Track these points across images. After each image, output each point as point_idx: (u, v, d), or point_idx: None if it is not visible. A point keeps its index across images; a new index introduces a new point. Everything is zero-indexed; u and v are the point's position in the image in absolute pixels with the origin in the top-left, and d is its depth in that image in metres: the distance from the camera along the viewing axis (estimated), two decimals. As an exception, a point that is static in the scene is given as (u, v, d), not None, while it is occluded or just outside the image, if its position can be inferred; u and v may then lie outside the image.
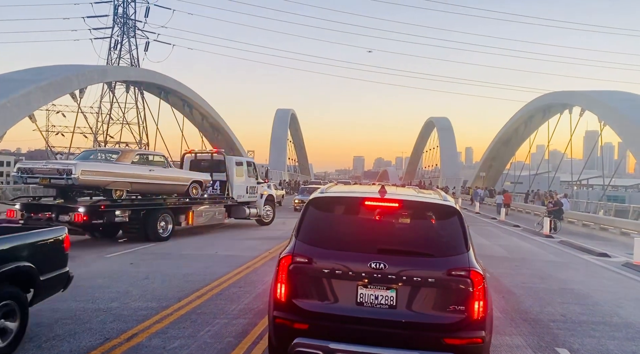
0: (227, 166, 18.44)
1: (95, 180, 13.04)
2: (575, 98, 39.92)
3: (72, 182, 12.45)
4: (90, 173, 12.86)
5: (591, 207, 28.28)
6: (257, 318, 6.63)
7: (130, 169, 13.99)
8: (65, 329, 5.94)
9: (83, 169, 12.61)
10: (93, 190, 13.59)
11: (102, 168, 13.35)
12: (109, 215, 13.22)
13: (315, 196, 4.90)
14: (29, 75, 29.41)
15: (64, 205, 13.02)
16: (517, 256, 14.07)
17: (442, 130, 78.58)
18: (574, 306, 8.14)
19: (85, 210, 12.58)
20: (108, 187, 13.39)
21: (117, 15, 60.89)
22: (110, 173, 13.36)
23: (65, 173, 12.43)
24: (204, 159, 19.13)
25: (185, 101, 49.01)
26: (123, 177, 13.66)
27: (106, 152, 15.73)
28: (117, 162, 13.99)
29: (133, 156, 14.59)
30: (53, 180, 12.82)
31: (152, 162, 15.11)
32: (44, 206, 13.32)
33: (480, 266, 4.30)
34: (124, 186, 13.75)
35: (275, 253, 12.14)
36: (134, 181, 13.99)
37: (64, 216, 12.63)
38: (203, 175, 17.24)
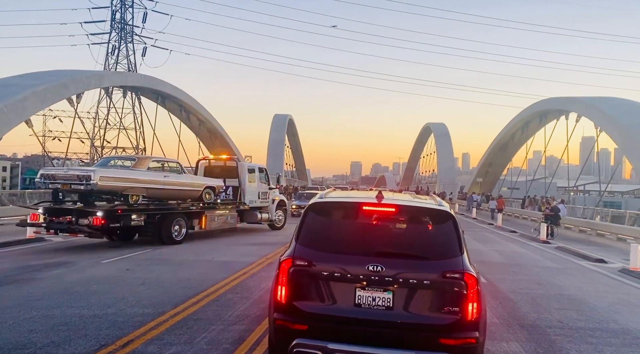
0: (240, 172, 18.99)
1: (113, 185, 13.60)
2: (572, 104, 40.08)
3: (91, 188, 13.02)
4: (108, 179, 13.43)
5: (588, 213, 28.33)
6: (254, 324, 6.60)
7: (146, 175, 14.54)
8: (60, 335, 5.89)
9: (101, 175, 13.20)
10: (111, 195, 14.11)
11: (120, 174, 13.94)
12: (125, 219, 13.68)
13: (314, 202, 5.02)
14: (25, 80, 29.35)
15: (83, 209, 13.46)
16: (514, 261, 14.08)
17: (439, 135, 78.74)
18: (571, 312, 8.14)
19: (103, 214, 13.04)
20: (125, 192, 13.90)
21: (114, 21, 60.99)
22: (127, 179, 13.92)
23: (84, 179, 13.04)
24: (217, 165, 19.64)
25: (183, 106, 48.98)
26: (139, 183, 14.20)
27: (123, 159, 16.24)
28: (133, 168, 14.55)
29: (149, 163, 15.15)
30: (73, 186, 13.39)
31: (167, 169, 15.66)
32: (64, 210, 13.80)
33: (474, 269, 4.44)
34: (140, 191, 14.26)
35: (272, 258, 12.12)
36: (149, 186, 14.53)
37: (83, 220, 13.16)
38: (216, 181, 17.71)
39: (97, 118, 59.47)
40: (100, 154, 59.86)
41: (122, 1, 60.78)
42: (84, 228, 13.20)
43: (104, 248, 13.81)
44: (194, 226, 16.26)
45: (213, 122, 53.15)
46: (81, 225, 13.16)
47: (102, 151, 59.93)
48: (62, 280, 9.20)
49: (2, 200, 22.45)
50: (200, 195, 16.42)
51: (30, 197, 24.26)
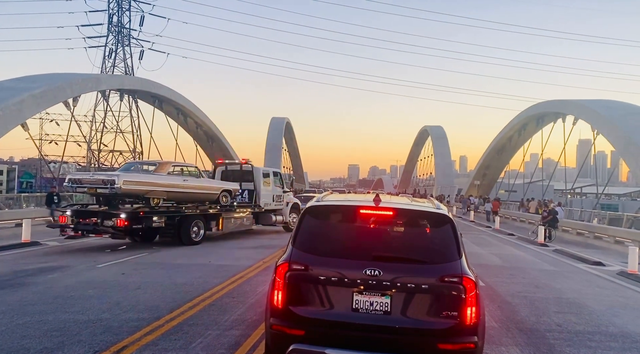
0: (255, 176, 19.73)
1: (136, 189, 14.34)
2: (568, 107, 40.17)
3: (115, 191, 13.76)
4: (131, 183, 14.16)
5: (585, 216, 28.33)
6: (250, 329, 6.53)
7: (166, 179, 15.32)
8: (54, 341, 5.81)
9: (125, 179, 13.94)
10: (133, 198, 14.89)
11: (142, 179, 14.67)
12: (147, 221, 14.48)
13: (311, 205, 4.97)
14: (22, 84, 29.24)
15: (108, 212, 14.25)
16: (512, 265, 14.04)
17: (437, 138, 78.84)
18: (569, 316, 8.10)
19: (127, 216, 13.81)
20: (147, 196, 14.69)
21: (111, 24, 60.94)
22: (149, 183, 14.68)
23: (109, 183, 13.78)
24: (233, 169, 20.41)
25: (180, 109, 48.90)
26: (160, 187, 14.97)
27: (145, 164, 17.04)
28: (154, 172, 15.33)
29: (169, 167, 15.95)
30: (99, 189, 14.18)
31: (186, 173, 16.45)
32: (90, 212, 14.68)
33: (473, 273, 4.40)
34: (160, 194, 15.06)
35: (269, 262, 12.04)
36: (169, 190, 15.34)
37: (108, 222, 13.98)
38: (232, 184, 18.44)
39: (94, 122, 59.34)
40: (97, 158, 59.71)
41: (119, 4, 60.76)
42: (108, 229, 13.98)
43: (100, 252, 13.72)
44: (212, 228, 16.87)
45: (210, 125, 53.07)
46: (106, 226, 13.96)
47: (99, 154, 59.76)
48: (57, 284, 9.11)
49: (-2, 204, 22.30)
50: (217, 198, 17.13)
51: (27, 201, 24.17)
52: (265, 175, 20.22)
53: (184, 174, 16.27)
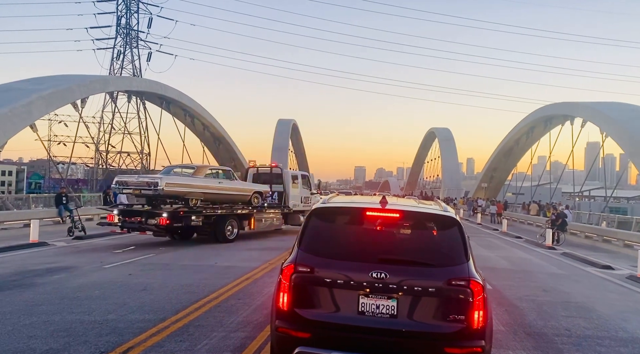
0: (284, 178, 21.02)
1: (176, 191, 15.42)
2: (577, 109, 39.91)
3: (158, 192, 14.85)
4: (172, 185, 15.25)
5: (593, 219, 28.10)
6: (256, 331, 6.51)
7: (203, 181, 16.41)
8: (59, 342, 5.82)
9: (167, 182, 15.02)
10: (173, 199, 15.85)
11: (181, 181, 15.80)
12: (186, 220, 15.43)
13: (317, 207, 4.95)
14: (30, 85, 29.47)
15: (151, 211, 15.33)
16: (519, 268, 13.93)
17: (444, 140, 78.62)
18: (578, 320, 8.01)
19: (168, 215, 14.83)
20: (185, 197, 15.76)
21: (120, 26, 61.41)
22: (188, 185, 15.78)
23: (152, 185, 14.87)
24: (264, 172, 21.41)
25: (187, 111, 49.11)
26: (198, 188, 16.03)
27: (184, 167, 18.05)
28: (192, 175, 16.42)
29: (206, 171, 17.20)
30: (143, 191, 15.29)
31: (221, 175, 17.56)
32: (136, 212, 15.80)
33: (480, 276, 4.35)
34: (198, 196, 16.11)
35: (275, 264, 12.03)
36: (206, 191, 16.37)
37: (151, 220, 14.97)
38: (263, 186, 19.48)
39: (102, 123, 59.73)
40: (105, 159, 60.07)
41: (128, 7, 61.20)
42: (152, 227, 15.03)
43: (107, 253, 13.76)
44: (244, 227, 17.87)
45: (217, 127, 53.24)
46: (149, 224, 14.97)
47: (106, 156, 60.14)
48: (63, 285, 9.14)
49: (7, 204, 22.46)
50: (249, 199, 18.15)
51: (35, 201, 24.33)
52: (294, 178, 21.43)
53: (219, 177, 17.32)
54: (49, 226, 19.21)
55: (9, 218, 19.27)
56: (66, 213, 19.60)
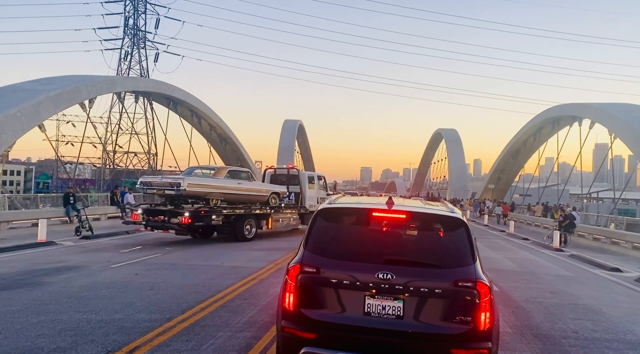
0: (301, 180, 21.72)
1: (198, 191, 16.00)
2: (585, 110, 39.65)
3: (180, 192, 15.44)
4: (194, 185, 15.82)
5: (602, 221, 27.89)
6: (262, 331, 6.51)
7: (223, 182, 17.00)
8: (67, 340, 5.86)
9: (189, 182, 15.61)
10: (195, 199, 16.41)
11: (203, 182, 16.43)
12: (207, 219, 16.01)
13: (323, 207, 4.94)
14: (39, 85, 29.66)
15: (174, 210, 15.91)
16: (526, 269, 13.85)
17: (451, 141, 78.35)
18: (586, 322, 7.95)
19: (190, 214, 15.41)
20: (206, 197, 16.33)
21: (127, 27, 61.75)
22: (209, 186, 16.36)
23: (175, 185, 15.45)
24: (281, 174, 22.12)
25: (194, 111, 49.26)
26: (218, 189, 16.61)
27: (204, 168, 18.82)
28: (213, 176, 17.11)
29: (226, 172, 17.76)
30: (166, 191, 15.88)
31: (240, 177, 18.10)
32: (159, 211, 16.34)
33: (487, 278, 4.34)
34: (218, 196, 16.70)
35: (281, 264, 12.03)
36: (226, 192, 16.96)
37: (174, 219, 15.52)
38: (281, 187, 20.13)
39: (109, 123, 60.07)
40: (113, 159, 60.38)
41: (135, 8, 61.51)
42: (174, 226, 15.59)
43: (114, 252, 13.83)
44: (262, 226, 18.38)
45: (224, 127, 53.38)
46: (172, 223, 15.52)
47: (114, 156, 60.45)
48: (71, 284, 9.20)
49: (15, 204, 22.63)
50: (267, 200, 18.77)
51: (43, 201, 24.48)
52: (310, 179, 22.09)
53: (238, 178, 17.87)
54: (56, 226, 19.33)
55: (18, 217, 19.41)
56: (74, 213, 19.72)
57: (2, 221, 17.89)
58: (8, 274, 10.04)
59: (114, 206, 25.13)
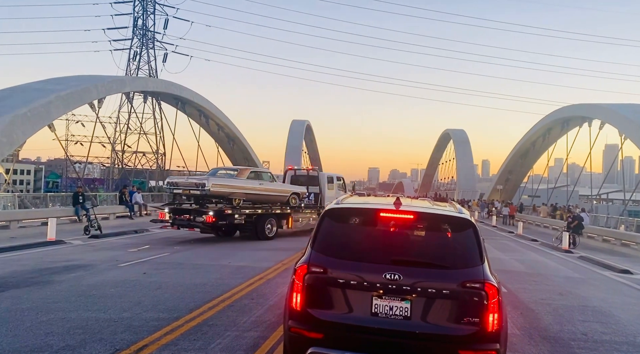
0: (320, 180, 22.18)
1: (221, 191, 16.56)
2: (595, 111, 39.29)
3: (205, 192, 16.04)
4: (218, 186, 16.40)
5: (611, 222, 27.63)
6: (269, 331, 6.52)
7: (246, 183, 17.51)
8: (76, 339, 5.90)
9: (213, 183, 16.20)
10: (218, 198, 16.97)
11: (226, 182, 16.98)
12: (230, 218, 16.68)
13: (330, 207, 4.93)
14: (49, 85, 29.88)
15: (199, 209, 16.62)
16: (535, 271, 13.77)
17: (459, 142, 77.94)
18: (595, 325, 7.88)
19: (214, 213, 16.11)
20: (230, 197, 16.85)
21: (136, 27, 62.02)
22: (232, 186, 16.93)
23: (200, 186, 16.07)
24: (301, 175, 22.78)
25: (202, 111, 49.38)
26: (240, 189, 17.14)
27: (227, 169, 19.47)
28: (236, 177, 17.59)
29: (248, 173, 18.26)
30: (192, 191, 16.58)
31: (262, 177, 18.61)
32: (185, 210, 17.15)
33: (495, 279, 4.31)
34: (241, 196, 17.20)
35: (288, 264, 12.04)
36: (248, 192, 17.48)
37: (199, 218, 16.19)
38: (301, 187, 20.60)
39: (118, 123, 60.41)
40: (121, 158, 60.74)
41: (144, 8, 61.81)
42: (199, 224, 16.32)
43: (122, 251, 13.91)
44: (282, 225, 19.02)
45: (232, 127, 53.45)
46: (197, 221, 16.20)
47: (122, 155, 60.80)
48: (80, 282, 9.26)
49: (25, 203, 22.83)
50: (287, 200, 19.22)
51: (53, 200, 24.68)
52: (329, 180, 22.59)
53: (260, 179, 18.34)
54: (66, 225, 19.48)
55: (28, 216, 19.57)
56: (83, 212, 19.87)
57: (13, 220, 18.06)
58: (18, 272, 10.14)
59: (122, 205, 25.29)
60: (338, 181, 23.31)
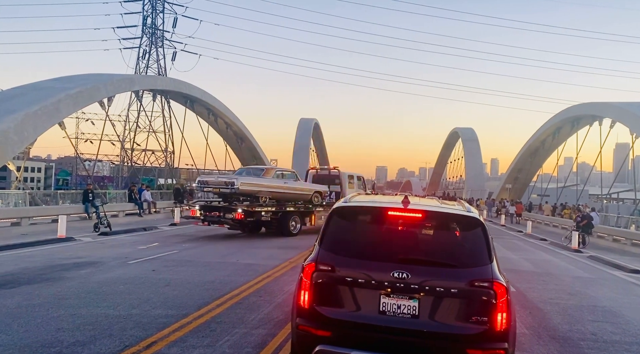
0: (341, 179, 23.00)
1: (249, 189, 17.41)
2: (606, 109, 38.93)
3: (234, 191, 16.91)
4: (246, 184, 17.27)
5: (622, 222, 27.39)
6: (277, 328, 6.55)
7: (272, 182, 18.33)
8: (86, 334, 5.96)
9: (242, 182, 17.10)
10: (246, 196, 17.82)
11: (254, 181, 17.78)
12: (257, 215, 17.54)
13: (338, 206, 4.92)
14: (59, 84, 30.09)
15: (228, 207, 17.33)
16: (544, 270, 13.68)
17: (467, 141, 77.56)
18: (605, 325, 7.82)
19: (243, 211, 16.91)
20: (257, 195, 17.72)
21: (146, 26, 62.28)
22: (259, 185, 17.76)
23: (230, 184, 16.94)
24: (323, 174, 23.82)
25: (210, 110, 49.53)
26: (267, 188, 17.99)
27: (254, 169, 20.05)
28: (262, 176, 18.38)
29: (274, 172, 19.10)
30: (221, 189, 17.45)
31: (286, 176, 19.41)
32: (215, 207, 17.96)
33: (504, 278, 4.30)
34: (267, 194, 18.04)
35: (296, 262, 12.06)
36: (274, 191, 18.25)
37: (228, 215, 16.99)
38: (323, 186, 21.36)
39: (127, 121, 60.75)
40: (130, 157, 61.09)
41: (153, 7, 62.06)
42: (229, 220, 17.13)
43: (131, 248, 14.01)
44: (306, 223, 19.66)
45: (240, 126, 53.57)
46: (227, 218, 17.01)
47: (132, 153, 61.13)
48: (90, 279, 9.35)
49: (36, 200, 23.07)
50: (310, 198, 19.96)
51: (63, 198, 24.92)
52: (350, 179, 23.41)
53: (284, 177, 19.14)
54: (76, 222, 19.66)
55: (38, 213, 19.77)
56: (92, 210, 20.03)
57: (24, 217, 18.25)
58: (29, 269, 10.25)
59: (131, 203, 25.46)
60: (358, 181, 24.13)
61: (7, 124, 22.55)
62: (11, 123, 22.81)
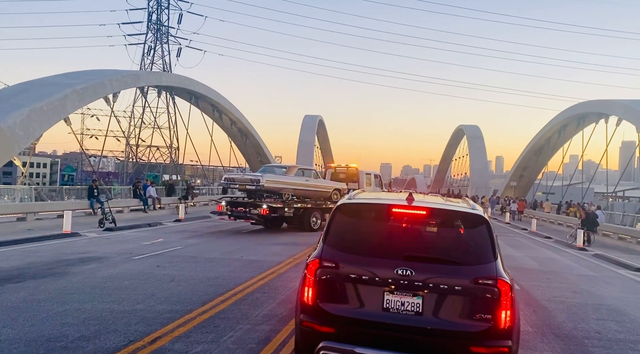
0: (359, 177, 23.89)
1: (273, 186, 18.12)
2: (612, 107, 38.68)
3: (259, 188, 17.57)
4: (271, 181, 18.00)
5: (627, 220, 27.24)
6: (281, 324, 6.56)
7: (294, 179, 19.12)
8: (91, 329, 5.99)
9: (267, 179, 17.84)
10: (270, 193, 18.51)
11: (277, 178, 18.51)
12: (281, 211, 18.19)
13: (343, 203, 4.92)
14: (65, 79, 30.15)
15: (254, 203, 18.11)
16: (548, 268, 13.65)
17: (472, 138, 77.19)
18: (610, 323, 7.80)
19: (267, 207, 17.63)
20: (280, 192, 18.50)
21: (151, 22, 62.47)
22: (282, 182, 18.50)
23: (255, 182, 17.65)
24: (341, 172, 24.67)
25: (215, 106, 49.54)
26: (290, 185, 18.74)
27: (278, 167, 20.94)
28: (285, 174, 19.11)
29: (296, 170, 19.84)
30: (247, 186, 18.13)
31: (308, 174, 20.22)
32: (240, 203, 18.81)
33: (508, 276, 4.29)
34: (290, 191, 18.80)
35: (300, 259, 12.08)
36: (296, 188, 19.08)
37: (254, 211, 17.76)
38: (341, 184, 22.11)
39: (132, 117, 60.97)
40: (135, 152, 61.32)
41: (159, 3, 62.16)
42: (254, 216, 17.94)
43: (136, 244, 14.07)
44: (325, 219, 18.82)
45: (244, 122, 53.58)
46: (252, 214, 17.80)
47: (136, 149, 61.35)
48: (95, 274, 9.40)
49: (42, 195, 23.16)
50: (329, 195, 20.64)
51: (68, 193, 25.03)
52: (367, 176, 24.43)
53: (305, 175, 19.90)
54: (81, 218, 19.72)
55: (44, 208, 19.84)
56: (97, 205, 20.11)
57: (29, 212, 18.33)
58: (35, 263, 10.31)
59: (136, 199, 25.54)
60: (375, 179, 25.14)
61: (13, 120, 22.61)
62: (17, 119, 22.88)
